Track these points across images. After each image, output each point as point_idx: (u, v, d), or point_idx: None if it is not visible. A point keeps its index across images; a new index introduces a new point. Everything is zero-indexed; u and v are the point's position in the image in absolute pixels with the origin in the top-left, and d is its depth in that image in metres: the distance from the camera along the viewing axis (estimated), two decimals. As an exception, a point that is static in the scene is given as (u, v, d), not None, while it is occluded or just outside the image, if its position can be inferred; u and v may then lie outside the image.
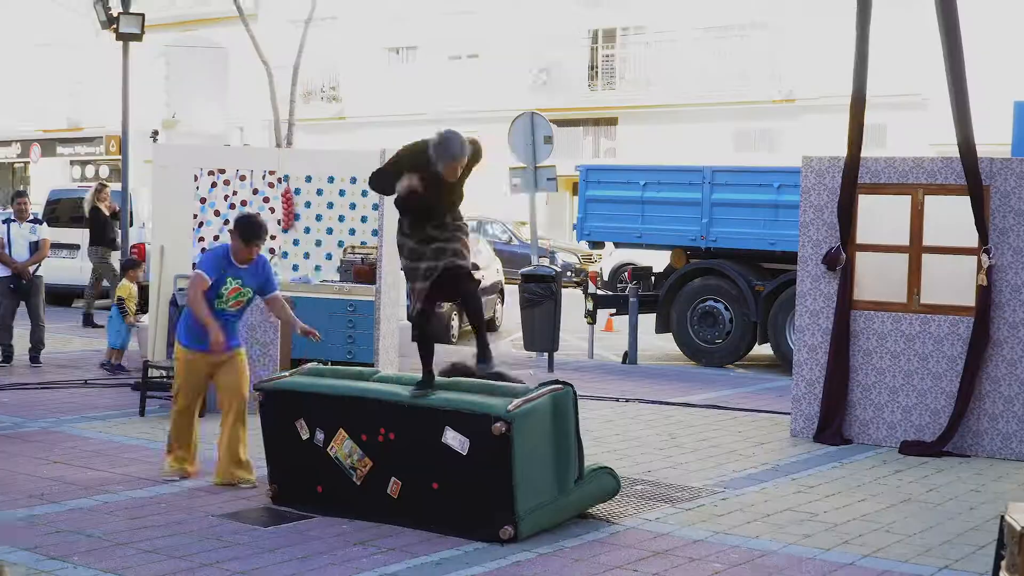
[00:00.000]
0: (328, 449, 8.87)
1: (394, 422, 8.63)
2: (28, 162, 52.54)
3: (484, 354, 8.84)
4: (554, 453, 8.50)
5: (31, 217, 17.09)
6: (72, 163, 50.89)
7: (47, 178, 45.14)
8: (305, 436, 8.98)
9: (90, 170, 49.58)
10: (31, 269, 16.53)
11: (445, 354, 11.01)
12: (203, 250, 13.58)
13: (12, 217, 16.87)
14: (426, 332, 9.15)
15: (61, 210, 23.84)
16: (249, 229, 9.67)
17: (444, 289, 8.82)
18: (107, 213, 20.75)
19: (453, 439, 8.32)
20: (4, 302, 16.55)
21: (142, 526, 8.44)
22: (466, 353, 10.03)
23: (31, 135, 51.99)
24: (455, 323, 19.91)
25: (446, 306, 18.08)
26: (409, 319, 9.45)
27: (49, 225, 18.17)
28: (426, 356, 8.91)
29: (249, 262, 9.71)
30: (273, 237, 13.45)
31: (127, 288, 15.64)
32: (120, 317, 15.44)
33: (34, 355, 16.55)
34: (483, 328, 8.94)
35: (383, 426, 8.66)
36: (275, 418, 9.19)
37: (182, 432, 9.97)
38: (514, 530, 8.14)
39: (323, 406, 8.97)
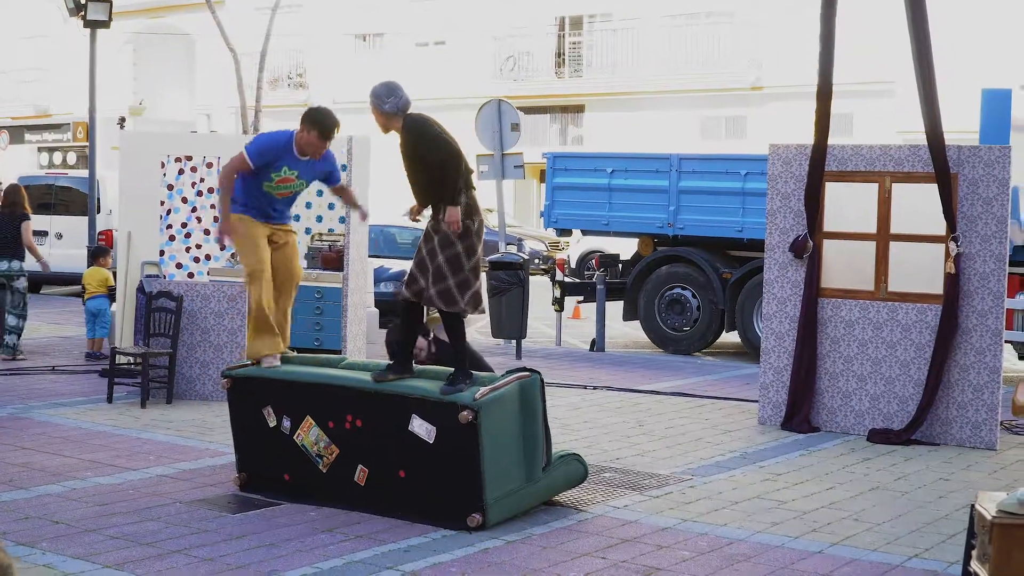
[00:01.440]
0: (295, 436, 8.83)
1: (360, 409, 8.59)
2: (-6, 149, 52.30)
3: (452, 377, 8.47)
4: (521, 440, 8.47)
5: None
6: (40, 150, 50.55)
7: (14, 165, 44.84)
8: (272, 423, 8.94)
9: (58, 157, 49.31)
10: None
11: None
12: (171, 238, 13.51)
13: None
14: (409, 321, 8.94)
15: (29, 197, 23.64)
16: (330, 119, 9.21)
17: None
18: None
19: (420, 427, 8.29)
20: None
21: (110, 512, 8.38)
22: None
23: (-2, 122, 51.76)
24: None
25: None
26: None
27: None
28: (405, 341, 8.82)
29: (314, 157, 9.28)
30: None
31: (98, 273, 15.53)
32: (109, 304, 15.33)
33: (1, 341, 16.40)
34: (458, 352, 8.67)
35: (349, 413, 8.62)
36: (243, 405, 9.14)
37: (261, 305, 9.17)
38: (482, 517, 8.11)
39: (290, 393, 8.93)
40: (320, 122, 9.16)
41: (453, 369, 8.53)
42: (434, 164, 8.40)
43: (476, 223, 8.56)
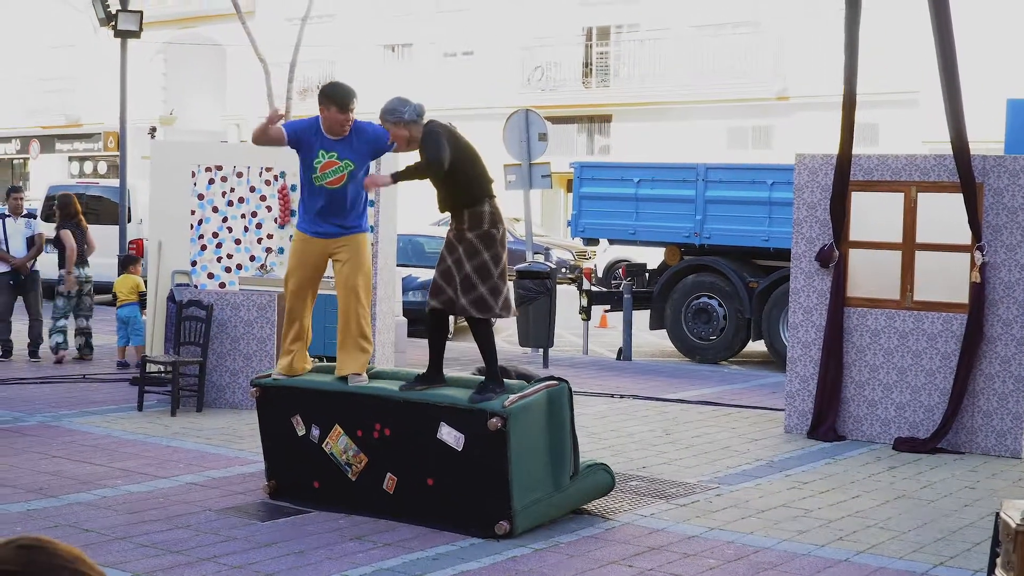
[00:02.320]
0: (324, 445, 8.85)
1: (389, 418, 8.61)
2: (27, 158, 52.57)
3: (482, 385, 8.49)
4: (549, 449, 8.48)
5: (25, 212, 17.10)
6: (71, 159, 50.87)
7: (46, 174, 45.10)
8: (301, 432, 8.97)
9: (88, 166, 49.58)
10: (28, 265, 16.56)
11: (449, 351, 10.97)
12: (202, 247, 13.55)
13: (6, 213, 16.87)
14: (438, 328, 8.96)
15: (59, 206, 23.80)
16: (341, 90, 9.04)
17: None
18: None
19: (448, 435, 8.30)
20: (2, 298, 16.56)
21: (140, 520, 8.42)
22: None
23: (30, 131, 51.98)
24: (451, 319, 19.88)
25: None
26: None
27: (47, 221, 18.18)
28: (435, 351, 8.82)
29: (343, 133, 8.98)
30: (270, 236, 13.42)
31: (129, 281, 15.61)
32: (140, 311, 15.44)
33: (33, 350, 16.56)
34: (487, 360, 8.64)
35: (378, 422, 8.64)
36: (272, 414, 9.16)
37: (292, 319, 9.21)
38: (510, 525, 8.12)
39: (318, 402, 8.95)
40: (332, 95, 9.01)
41: (484, 379, 8.54)
42: (431, 156, 8.31)
43: (500, 231, 8.58)
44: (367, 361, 9.10)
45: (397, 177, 8.71)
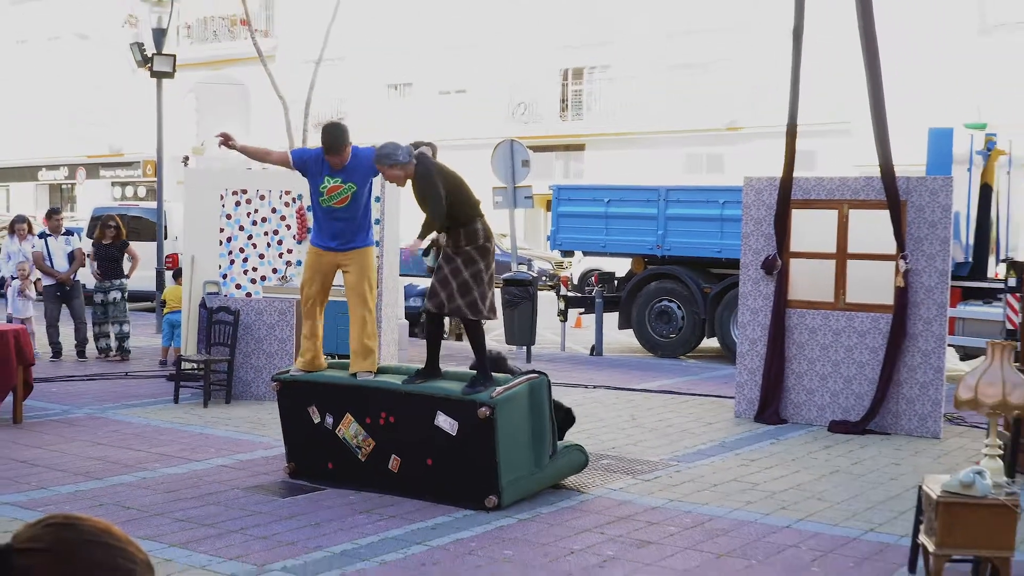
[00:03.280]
0: (336, 431, 8.87)
1: (393, 407, 8.62)
2: (75, 183, 52.44)
3: (473, 380, 8.44)
4: (531, 432, 8.50)
5: (64, 231, 17.11)
6: (113, 184, 50.71)
7: (92, 198, 44.99)
8: (317, 420, 8.98)
9: (129, 190, 49.46)
10: (70, 277, 16.60)
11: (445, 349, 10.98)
12: (231, 262, 13.54)
13: (48, 232, 16.88)
14: (434, 329, 8.98)
15: (104, 226, 23.75)
16: (327, 136, 8.91)
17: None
18: None
19: (444, 422, 8.32)
20: (50, 306, 16.60)
21: (176, 499, 8.42)
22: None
23: (78, 160, 51.86)
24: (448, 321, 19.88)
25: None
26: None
27: (91, 238, 18.18)
28: (432, 349, 8.83)
29: (342, 165, 8.92)
30: (290, 251, 13.42)
31: (178, 291, 15.62)
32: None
33: (80, 350, 16.55)
34: (479, 357, 8.56)
35: (384, 410, 8.66)
36: (290, 405, 9.17)
37: (307, 321, 9.21)
38: (498, 499, 8.14)
39: (332, 393, 8.96)
40: (324, 141, 8.96)
41: (475, 373, 8.56)
42: (434, 205, 8.31)
43: (492, 245, 8.63)
44: (376, 360, 9.10)
45: (422, 236, 8.54)
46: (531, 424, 8.49)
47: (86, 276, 17.15)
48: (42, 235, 16.85)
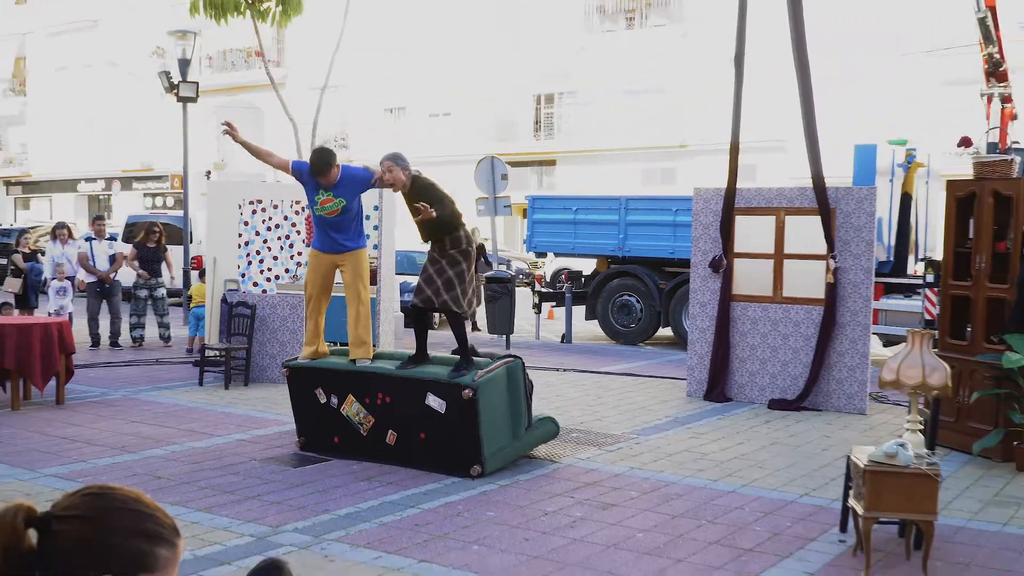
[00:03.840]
0: (341, 409, 8.83)
1: (389, 389, 8.60)
2: (110, 194, 52.14)
3: (457, 365, 8.42)
4: (509, 409, 8.49)
5: (108, 236, 17.03)
6: (144, 195, 50.42)
7: (125, 207, 44.74)
8: (323, 400, 8.94)
9: (159, 201, 49.19)
10: (110, 276, 16.52)
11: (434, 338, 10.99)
12: (249, 263, 13.46)
13: (92, 236, 16.80)
14: (421, 321, 8.89)
15: (136, 231, 23.60)
16: (312, 161, 8.79)
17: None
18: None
19: (434, 401, 8.30)
20: (91, 301, 16.52)
21: (201, 469, 8.37)
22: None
23: (112, 173, 51.60)
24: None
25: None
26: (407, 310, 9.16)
27: (125, 242, 18.10)
28: (420, 338, 8.79)
29: (332, 183, 8.80)
30: (300, 253, 13.35)
31: (203, 288, 15.54)
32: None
33: (114, 340, 16.46)
34: (461, 345, 8.52)
35: (381, 392, 8.63)
36: (299, 388, 9.13)
37: (310, 315, 9.10)
38: (481, 468, 8.13)
39: (336, 378, 8.92)
40: (311, 164, 8.84)
41: (459, 358, 8.54)
42: (446, 214, 8.36)
43: (473, 249, 8.61)
44: (371, 349, 9.02)
45: (454, 226, 8.49)
46: (509, 401, 8.48)
47: (124, 276, 17.09)
48: (87, 238, 16.80)
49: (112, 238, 17.28)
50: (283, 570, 2.63)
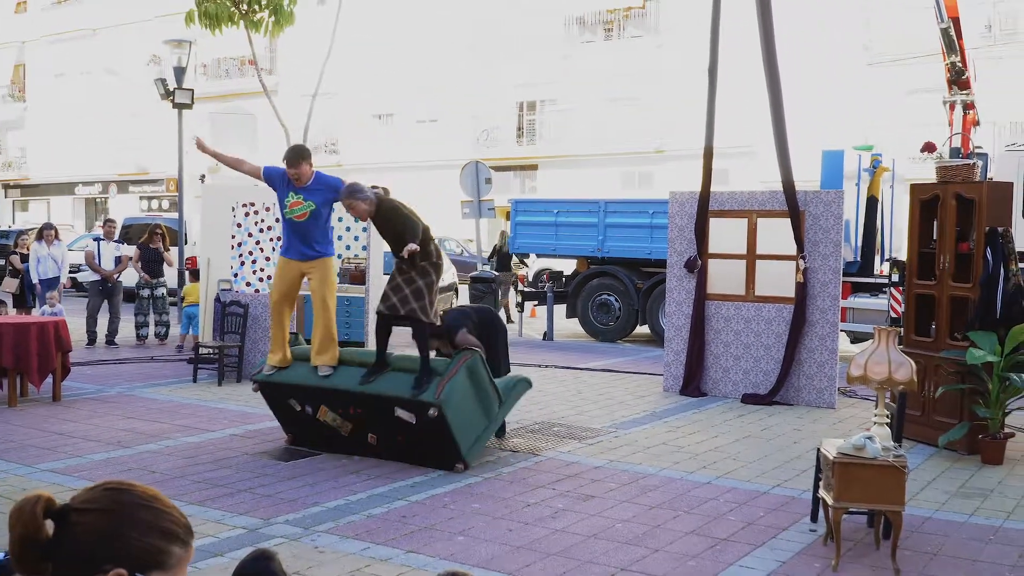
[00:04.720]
0: (317, 417, 8.69)
1: (358, 403, 8.39)
2: (107, 197, 51.89)
3: (417, 379, 8.15)
4: (478, 400, 8.32)
5: (116, 238, 16.96)
6: (140, 198, 50.19)
7: (122, 210, 44.50)
8: (298, 409, 8.80)
9: (155, 203, 48.96)
10: (114, 276, 16.44)
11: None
12: (242, 263, 13.39)
13: (101, 237, 16.74)
14: (384, 328, 8.56)
15: (133, 232, 23.49)
16: (288, 152, 8.71)
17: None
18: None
19: (403, 414, 8.16)
20: (93, 299, 16.44)
21: (194, 463, 8.30)
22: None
23: (110, 177, 51.35)
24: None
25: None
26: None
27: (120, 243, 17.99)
28: (381, 345, 8.53)
29: (302, 183, 8.61)
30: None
31: (196, 288, 15.44)
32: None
33: (110, 339, 16.35)
34: (422, 354, 8.27)
35: (351, 405, 8.45)
36: (273, 397, 8.95)
37: (276, 321, 8.83)
38: (464, 465, 8.09)
39: (303, 392, 8.70)
40: (286, 156, 8.77)
41: (419, 370, 8.25)
42: (414, 231, 8.19)
43: (441, 262, 8.54)
44: (335, 354, 8.72)
45: (418, 242, 8.27)
46: (476, 395, 8.28)
47: (127, 277, 17.04)
48: (96, 238, 16.78)
49: (120, 241, 17.22)
50: (272, 560, 2.59)
